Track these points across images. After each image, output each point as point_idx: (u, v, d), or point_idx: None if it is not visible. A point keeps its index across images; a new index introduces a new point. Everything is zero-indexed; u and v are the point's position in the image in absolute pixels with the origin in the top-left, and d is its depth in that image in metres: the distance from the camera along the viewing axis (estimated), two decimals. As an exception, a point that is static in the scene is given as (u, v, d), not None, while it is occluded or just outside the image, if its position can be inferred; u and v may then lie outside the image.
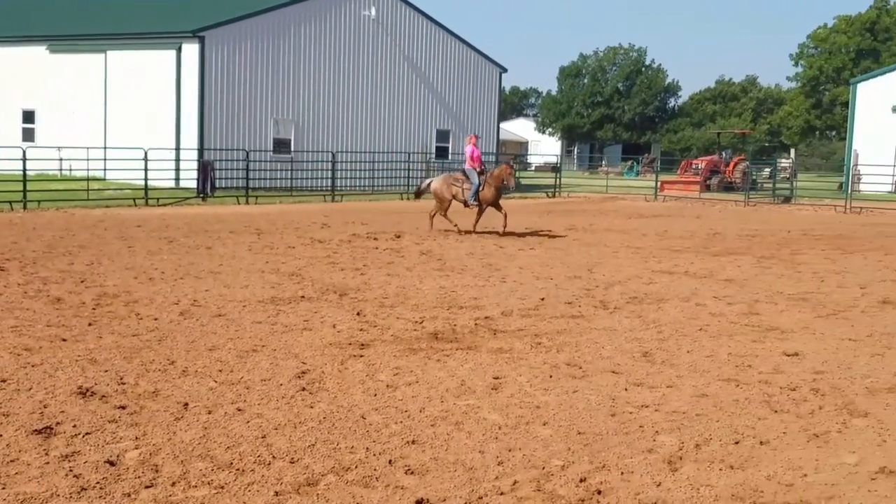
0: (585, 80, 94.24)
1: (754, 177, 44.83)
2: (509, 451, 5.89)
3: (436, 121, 42.40)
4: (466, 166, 20.53)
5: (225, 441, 5.93)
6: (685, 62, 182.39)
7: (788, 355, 8.76)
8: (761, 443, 6.15)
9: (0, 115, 38.48)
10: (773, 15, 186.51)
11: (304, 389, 7.18)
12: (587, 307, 11.21)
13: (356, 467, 5.54)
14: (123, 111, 35.32)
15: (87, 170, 29.15)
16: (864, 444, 6.17)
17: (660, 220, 26.35)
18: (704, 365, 8.32)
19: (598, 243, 19.10)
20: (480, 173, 20.13)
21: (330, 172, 33.78)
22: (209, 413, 6.52)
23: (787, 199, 37.98)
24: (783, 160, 63.97)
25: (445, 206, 20.51)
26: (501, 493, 5.19)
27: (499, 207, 20.18)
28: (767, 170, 52.40)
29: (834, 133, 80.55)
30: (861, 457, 5.89)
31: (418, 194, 22.46)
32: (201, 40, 33.60)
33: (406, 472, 5.48)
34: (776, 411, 6.88)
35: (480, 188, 19.92)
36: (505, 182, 19.97)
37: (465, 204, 20.45)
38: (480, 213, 20.35)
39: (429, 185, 21.21)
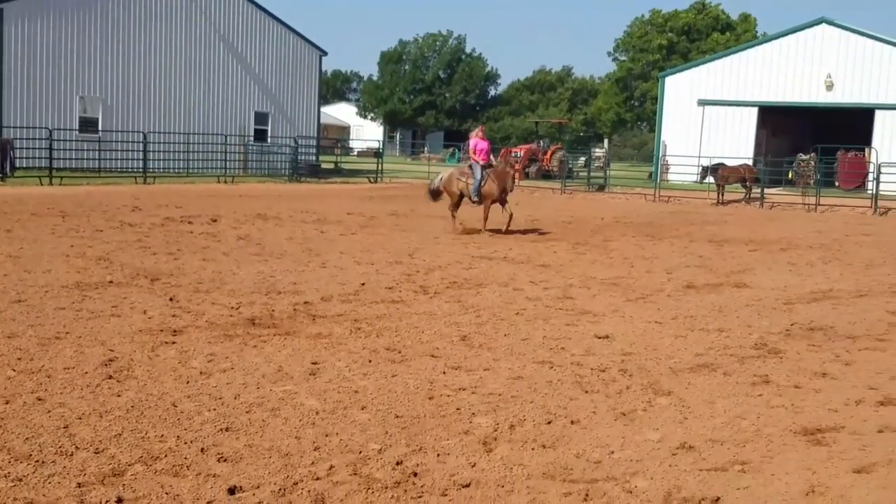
0: (407, 67, 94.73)
1: (570, 165, 46.19)
2: (326, 436, 5.83)
3: (254, 103, 41.54)
4: (472, 159, 19.28)
5: (24, 432, 5.61)
6: (504, 51, 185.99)
7: (599, 338, 9.04)
8: (572, 422, 6.31)
9: None
10: (589, 6, 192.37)
11: (111, 377, 6.88)
12: (407, 292, 11.25)
13: (166, 456, 5.35)
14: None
15: None
16: (666, 421, 6.43)
17: (480, 207, 26.70)
18: (520, 348, 8.48)
19: (419, 229, 19.21)
20: (486, 167, 18.87)
21: (141, 153, 32.67)
22: (6, 403, 6.15)
23: (601, 188, 39.35)
24: (598, 150, 66.23)
25: (454, 200, 19.19)
26: (317, 479, 5.12)
27: (503, 204, 18.92)
28: (583, 159, 54.11)
29: (645, 125, 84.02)
30: (664, 434, 6.14)
31: (435, 194, 20.13)
32: (-1, 12, 31.78)
33: (219, 460, 5.33)
34: (587, 391, 7.09)
35: (483, 183, 18.63)
36: (506, 184, 18.73)
37: (471, 200, 19.03)
38: (486, 209, 18.83)
39: (440, 181, 19.80)
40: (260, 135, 41.54)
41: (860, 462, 5.63)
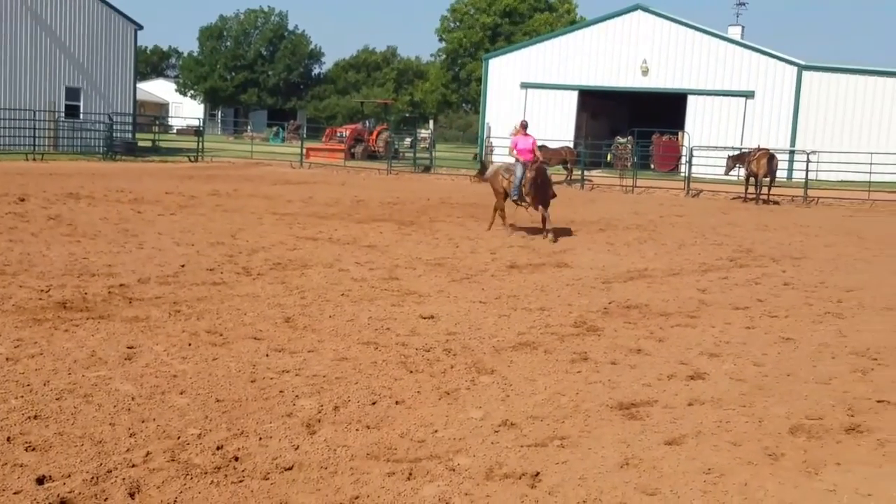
0: (228, 43, 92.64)
1: (396, 146, 46.30)
2: (143, 422, 5.62)
3: (65, 78, 39.52)
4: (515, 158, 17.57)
5: None
6: (327, 29, 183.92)
7: (425, 318, 9.10)
8: (397, 402, 6.32)
9: None
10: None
11: None
12: (230, 274, 11.00)
13: (-33, 449, 5.03)
14: None
15: None
16: (489, 399, 6.53)
17: (305, 187, 26.49)
18: (346, 329, 8.43)
19: (242, 209, 18.83)
20: (531, 164, 17.08)
21: (-57, 128, 30.70)
22: None
23: (426, 169, 39.60)
24: (423, 131, 66.63)
25: (500, 198, 17.62)
26: (133, 466, 4.93)
27: (535, 206, 17.18)
28: (409, 140, 54.33)
29: (470, 106, 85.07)
30: (486, 411, 6.23)
31: (482, 172, 18.65)
32: None
33: (26, 449, 5.07)
34: (411, 371, 7.11)
35: (523, 181, 16.99)
36: (547, 184, 17.17)
37: (512, 199, 17.44)
38: (542, 210, 17.04)
39: (489, 175, 18.43)
40: (72, 111, 39.62)
41: (671, 434, 5.88)
